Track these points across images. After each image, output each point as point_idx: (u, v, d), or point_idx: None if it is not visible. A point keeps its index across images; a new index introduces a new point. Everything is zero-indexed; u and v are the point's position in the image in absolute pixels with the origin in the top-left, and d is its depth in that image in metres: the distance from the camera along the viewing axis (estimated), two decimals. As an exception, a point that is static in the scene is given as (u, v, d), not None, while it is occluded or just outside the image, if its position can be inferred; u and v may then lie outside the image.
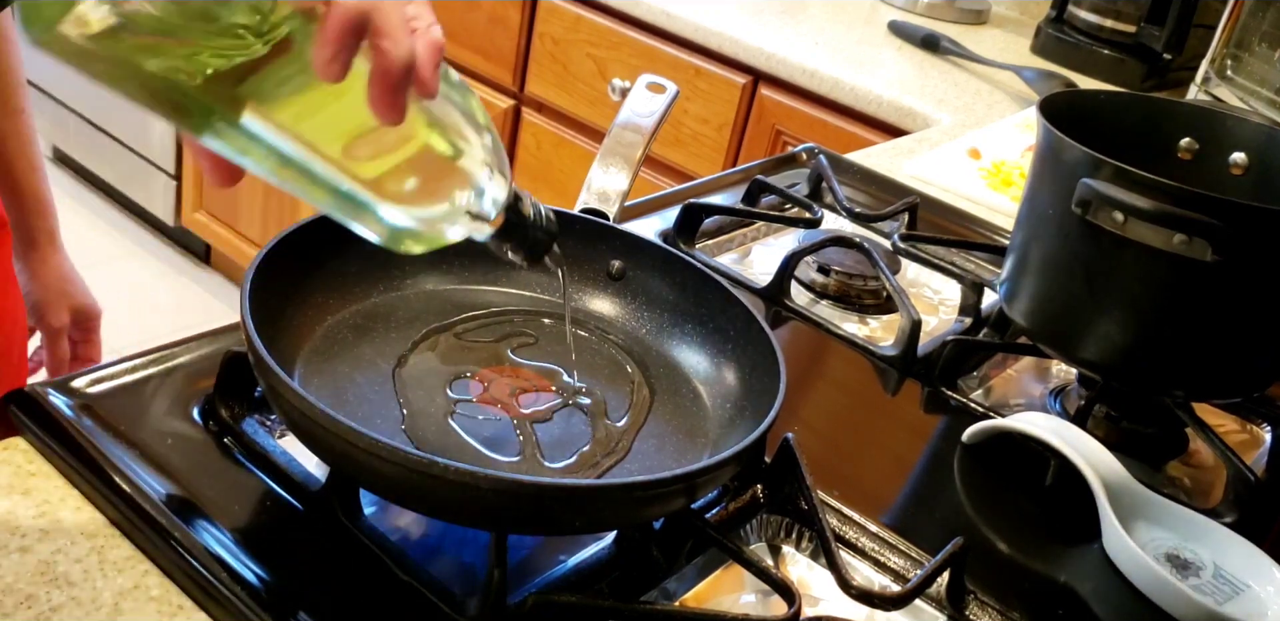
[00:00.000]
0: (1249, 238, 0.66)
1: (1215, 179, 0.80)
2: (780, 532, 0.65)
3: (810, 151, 1.15)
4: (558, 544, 0.59)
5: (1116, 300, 0.72)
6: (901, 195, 1.08)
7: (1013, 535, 0.68)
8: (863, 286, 0.92)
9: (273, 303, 0.58)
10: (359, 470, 0.52)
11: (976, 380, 0.85)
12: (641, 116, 0.70)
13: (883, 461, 0.74)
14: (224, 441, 0.61)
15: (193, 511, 0.56)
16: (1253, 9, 1.36)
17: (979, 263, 1.00)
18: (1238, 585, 0.65)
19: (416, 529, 0.59)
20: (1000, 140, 1.31)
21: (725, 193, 1.02)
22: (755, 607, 0.60)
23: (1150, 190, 0.66)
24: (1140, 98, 0.88)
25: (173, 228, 2.51)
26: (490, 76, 1.89)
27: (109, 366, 0.64)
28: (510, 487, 0.49)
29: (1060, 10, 1.70)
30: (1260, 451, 0.83)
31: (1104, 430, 0.79)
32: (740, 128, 1.62)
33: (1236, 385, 0.76)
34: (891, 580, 0.62)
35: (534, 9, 1.80)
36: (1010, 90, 1.56)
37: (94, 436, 0.59)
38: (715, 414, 0.65)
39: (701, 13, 1.61)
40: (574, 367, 0.66)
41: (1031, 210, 0.77)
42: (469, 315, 0.68)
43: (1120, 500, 0.67)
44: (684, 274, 0.69)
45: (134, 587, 0.52)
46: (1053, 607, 0.62)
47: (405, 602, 0.53)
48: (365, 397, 0.60)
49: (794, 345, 0.84)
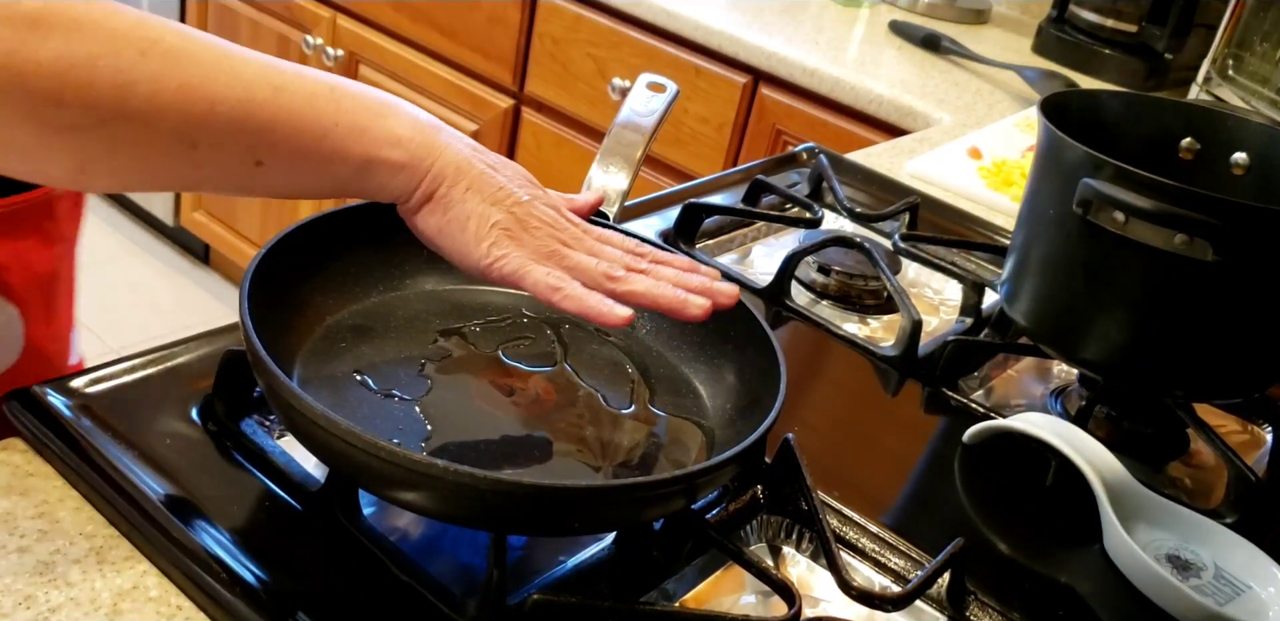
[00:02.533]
0: (1250, 238, 0.66)
1: (1216, 179, 0.80)
2: (780, 533, 0.64)
3: (810, 151, 1.15)
4: (558, 544, 0.59)
5: (1117, 300, 0.72)
6: (902, 195, 1.08)
7: (1013, 535, 0.68)
8: (863, 286, 0.92)
9: (272, 303, 0.58)
10: (358, 470, 0.52)
11: (977, 380, 0.85)
12: (642, 116, 0.69)
13: (883, 462, 0.74)
14: (223, 441, 0.61)
15: (191, 511, 0.56)
16: (1254, 8, 1.36)
17: (979, 263, 1.00)
18: (1239, 586, 0.65)
19: (416, 529, 0.59)
20: (1001, 140, 1.31)
21: (725, 192, 1.02)
22: (755, 608, 0.60)
23: (1151, 190, 0.66)
24: (1141, 97, 0.88)
25: (172, 227, 2.51)
26: (490, 76, 1.89)
27: (108, 366, 0.64)
28: (509, 489, 0.49)
29: (1061, 10, 1.70)
30: (1261, 452, 0.83)
31: (1105, 430, 0.79)
32: (740, 127, 1.62)
33: (1237, 385, 0.76)
34: (892, 581, 0.62)
35: (534, 8, 1.80)
36: (1011, 90, 1.56)
37: (93, 436, 0.59)
38: (715, 414, 0.65)
39: (702, 12, 1.61)
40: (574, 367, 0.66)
41: (1032, 210, 0.77)
42: (472, 318, 0.68)
43: (1121, 500, 0.67)
44: (684, 274, 0.69)
45: (133, 588, 0.52)
46: (1053, 608, 0.62)
47: (405, 603, 0.53)
48: (364, 398, 0.60)
49: (794, 345, 0.84)
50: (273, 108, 0.54)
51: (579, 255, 0.60)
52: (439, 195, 0.59)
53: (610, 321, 0.57)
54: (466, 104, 1.92)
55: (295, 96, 0.54)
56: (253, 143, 0.54)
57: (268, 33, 2.20)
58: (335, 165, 0.56)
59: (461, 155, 0.59)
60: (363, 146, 0.56)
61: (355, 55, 2.07)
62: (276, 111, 0.54)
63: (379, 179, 0.58)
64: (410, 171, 0.58)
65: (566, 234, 0.61)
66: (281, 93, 0.54)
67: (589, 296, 0.58)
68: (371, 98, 0.58)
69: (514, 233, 0.59)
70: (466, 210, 0.59)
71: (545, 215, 0.60)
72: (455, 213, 0.59)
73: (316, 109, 0.55)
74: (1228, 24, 1.39)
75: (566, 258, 0.59)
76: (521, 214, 0.59)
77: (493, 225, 0.58)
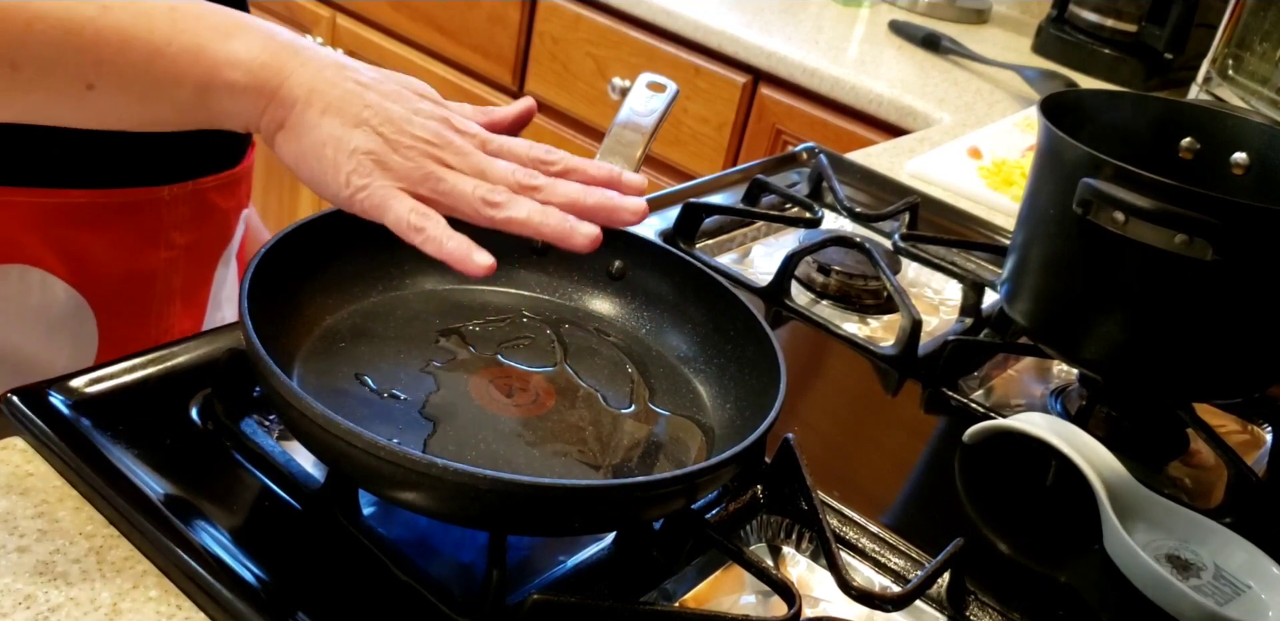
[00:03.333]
0: (1250, 238, 0.66)
1: (1216, 179, 0.80)
2: (780, 533, 0.64)
3: (810, 151, 1.15)
4: (557, 544, 0.59)
5: (1117, 300, 0.72)
6: (902, 195, 1.08)
7: (1013, 535, 0.68)
8: (863, 286, 0.92)
9: (272, 302, 0.58)
10: (357, 470, 0.52)
11: (977, 380, 0.85)
12: (641, 115, 0.69)
13: (883, 462, 0.74)
14: (222, 441, 0.61)
15: (191, 511, 0.56)
16: (1254, 8, 1.36)
17: (980, 262, 1.00)
18: (1239, 586, 0.65)
19: (415, 529, 0.59)
20: (1001, 140, 1.31)
21: (725, 192, 1.02)
22: (755, 608, 0.60)
23: (1151, 190, 0.66)
24: (1141, 97, 0.88)
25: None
26: (490, 75, 1.89)
27: (108, 366, 0.64)
28: (509, 488, 0.49)
29: (1061, 9, 1.70)
30: (1261, 452, 0.83)
31: (1104, 430, 0.79)
32: (740, 127, 1.62)
33: (1237, 385, 0.76)
34: (892, 581, 0.62)
35: (534, 8, 1.80)
36: (1011, 90, 1.56)
37: (92, 436, 0.59)
38: (715, 413, 0.65)
39: (702, 12, 1.61)
40: (573, 366, 0.65)
41: (1032, 210, 0.77)
42: (472, 318, 0.68)
43: (1121, 500, 0.67)
44: (684, 273, 0.69)
45: (132, 588, 0.52)
46: (1053, 608, 0.62)
47: (404, 602, 0.53)
48: (364, 398, 0.60)
49: (794, 345, 0.84)
50: (98, 25, 0.50)
51: (457, 178, 0.54)
52: (291, 121, 0.53)
53: (468, 271, 0.52)
54: (466, 103, 1.92)
55: (124, 13, 0.51)
56: (79, 63, 0.50)
57: (267, 32, 2.20)
58: (171, 88, 0.52)
59: (320, 75, 0.53)
60: (201, 67, 0.52)
61: (355, 54, 2.07)
62: (101, 29, 0.50)
63: (222, 104, 0.53)
64: (254, 94, 0.53)
65: (449, 151, 0.54)
66: (110, 10, 0.50)
67: (448, 241, 0.52)
68: (220, 17, 0.53)
69: (380, 157, 0.53)
70: (322, 135, 0.52)
71: (425, 131, 0.54)
72: (311, 139, 0.53)
73: (149, 27, 0.51)
74: (1227, 24, 1.39)
75: (441, 181, 0.53)
76: (392, 134, 0.53)
77: (353, 151, 0.52)
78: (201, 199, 0.78)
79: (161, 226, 0.75)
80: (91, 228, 0.71)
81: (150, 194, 0.73)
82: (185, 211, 0.76)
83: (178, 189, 0.75)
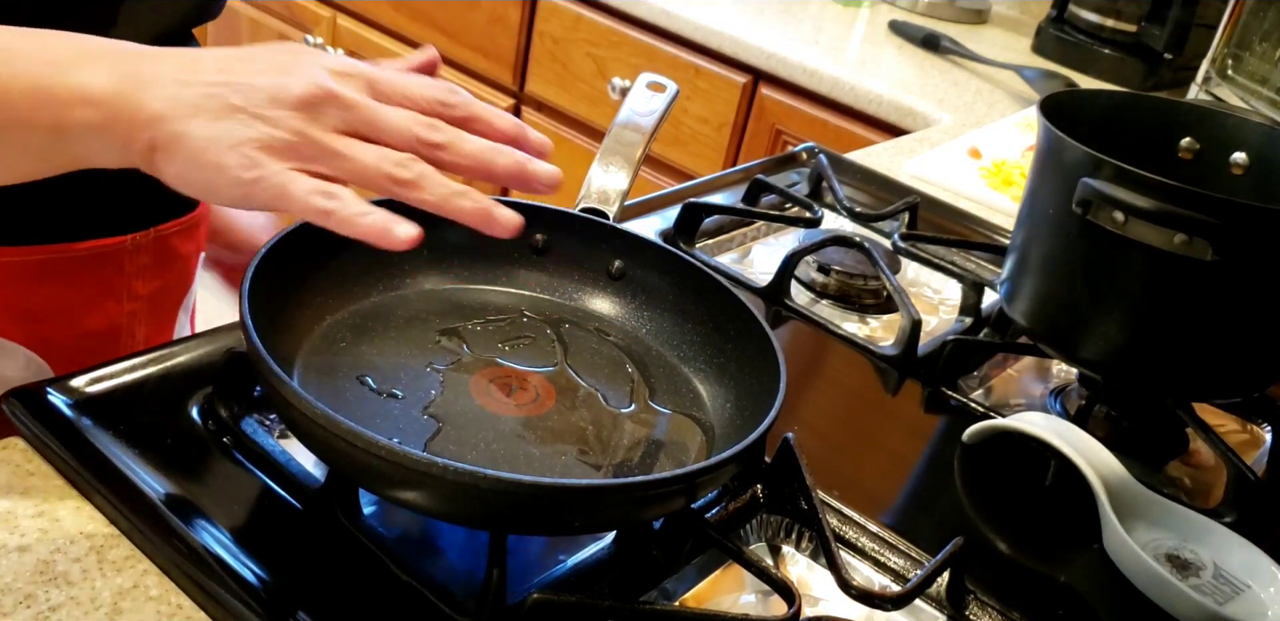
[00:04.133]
0: (1249, 238, 0.66)
1: (1216, 179, 0.80)
2: (780, 532, 0.65)
3: (810, 151, 1.15)
4: (558, 544, 0.59)
5: (1116, 300, 0.72)
6: (902, 195, 1.08)
7: (1013, 535, 0.68)
8: (863, 286, 0.92)
9: (272, 302, 0.58)
10: (358, 470, 0.52)
11: (977, 380, 0.85)
12: (641, 115, 0.69)
13: (883, 461, 0.74)
14: (223, 441, 0.61)
15: (192, 511, 0.56)
16: (1254, 8, 1.36)
17: (979, 262, 1.00)
18: (1238, 585, 0.65)
19: (416, 529, 0.59)
20: (1000, 140, 1.31)
21: (725, 192, 1.02)
22: (755, 607, 0.60)
23: (1151, 190, 0.66)
24: (1141, 97, 0.88)
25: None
26: (490, 75, 1.89)
27: (108, 366, 0.64)
28: (509, 488, 0.49)
29: (1061, 10, 1.70)
30: (1261, 451, 0.83)
31: (1104, 430, 0.79)
32: (740, 127, 1.62)
33: (1237, 385, 0.76)
34: (891, 580, 0.62)
35: (534, 8, 1.80)
36: (1011, 90, 1.56)
37: (93, 436, 0.59)
38: (715, 413, 0.65)
39: (702, 12, 1.61)
40: (573, 366, 0.65)
41: (1032, 210, 0.77)
42: (472, 318, 0.68)
43: (1120, 500, 0.67)
44: (684, 273, 0.69)
45: (133, 587, 0.52)
46: (1053, 607, 0.62)
47: (405, 602, 0.53)
48: (364, 397, 0.60)
49: (794, 345, 0.84)
50: None
51: (355, 150, 0.48)
52: (162, 139, 0.47)
53: (391, 246, 0.48)
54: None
55: None
56: None
57: (268, 32, 2.20)
58: (22, 137, 0.47)
59: (166, 91, 0.47)
60: (49, 110, 0.47)
61: (355, 55, 2.07)
62: None
63: (84, 144, 0.48)
64: (113, 128, 0.47)
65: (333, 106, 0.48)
66: None
67: (362, 218, 0.47)
68: (57, 46, 0.48)
69: (263, 140, 0.47)
70: (197, 141, 0.46)
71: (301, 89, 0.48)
72: (187, 149, 0.46)
73: None
74: (1227, 24, 1.39)
75: (336, 156, 0.48)
76: (266, 109, 0.47)
77: (233, 145, 0.46)
78: (164, 246, 0.75)
79: (123, 277, 0.71)
80: (51, 285, 0.68)
81: (112, 245, 0.70)
82: (146, 260, 0.73)
83: (140, 237, 0.72)
